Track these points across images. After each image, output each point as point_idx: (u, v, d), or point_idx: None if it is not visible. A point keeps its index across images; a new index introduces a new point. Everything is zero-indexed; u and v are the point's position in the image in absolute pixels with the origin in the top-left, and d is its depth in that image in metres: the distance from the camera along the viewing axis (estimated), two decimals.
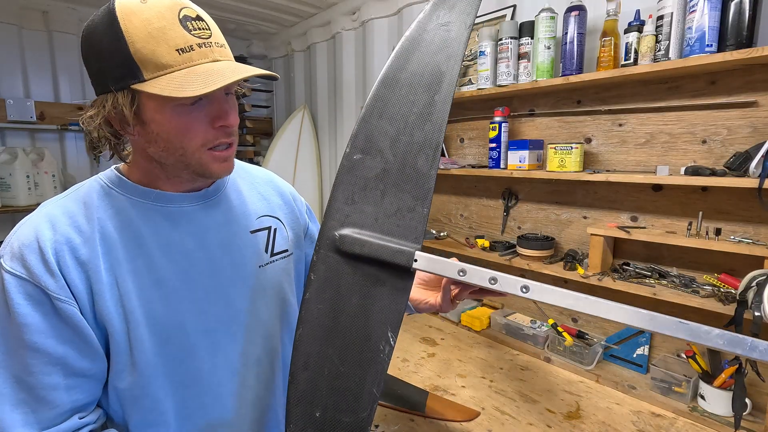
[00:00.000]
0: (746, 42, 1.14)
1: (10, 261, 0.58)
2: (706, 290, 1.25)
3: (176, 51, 0.57)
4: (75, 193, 0.66)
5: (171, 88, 0.55)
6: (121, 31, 0.55)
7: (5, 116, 2.48)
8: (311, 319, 0.59)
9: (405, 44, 0.62)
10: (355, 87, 2.71)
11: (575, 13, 1.43)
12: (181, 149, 0.61)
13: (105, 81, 0.59)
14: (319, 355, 0.58)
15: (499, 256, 1.72)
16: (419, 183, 0.59)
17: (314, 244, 0.89)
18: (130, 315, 0.62)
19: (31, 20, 2.61)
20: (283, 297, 0.81)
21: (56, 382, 0.59)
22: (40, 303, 0.58)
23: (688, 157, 1.35)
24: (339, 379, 0.58)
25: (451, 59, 0.61)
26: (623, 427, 1.20)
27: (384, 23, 2.44)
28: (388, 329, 0.58)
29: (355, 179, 0.61)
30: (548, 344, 1.63)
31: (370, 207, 0.60)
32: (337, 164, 2.89)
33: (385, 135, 0.61)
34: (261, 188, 0.84)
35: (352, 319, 0.59)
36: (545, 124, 1.71)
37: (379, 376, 0.57)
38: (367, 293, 0.59)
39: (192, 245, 0.68)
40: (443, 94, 0.60)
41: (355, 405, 0.57)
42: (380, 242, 0.58)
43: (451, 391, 1.39)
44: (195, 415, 0.69)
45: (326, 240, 0.60)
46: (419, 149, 0.60)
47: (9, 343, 0.58)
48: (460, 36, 0.61)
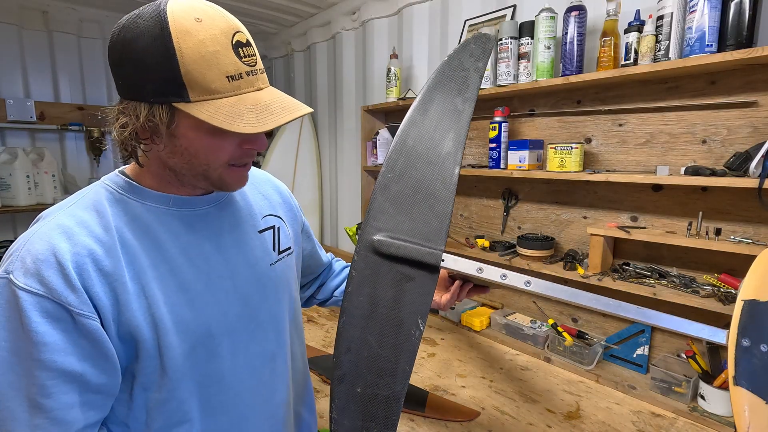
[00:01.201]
0: (746, 42, 1.14)
1: (23, 278, 0.54)
2: (706, 290, 1.25)
3: (226, 78, 0.57)
4: (81, 201, 0.63)
5: (221, 119, 0.56)
6: (173, 48, 0.54)
7: (5, 116, 2.48)
8: (352, 309, 0.68)
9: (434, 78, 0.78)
10: (355, 87, 2.71)
11: (575, 13, 1.43)
12: (205, 165, 0.63)
13: (141, 91, 0.57)
14: (359, 340, 0.68)
15: (499, 256, 1.72)
16: (442, 199, 0.73)
17: (310, 239, 0.96)
18: (160, 322, 0.62)
19: (31, 20, 2.61)
20: (290, 293, 0.84)
21: (73, 401, 0.58)
22: (60, 320, 0.55)
23: (688, 157, 1.35)
24: (377, 360, 0.67)
25: (467, 102, 0.76)
26: (623, 427, 1.20)
27: (384, 23, 2.44)
28: (418, 317, 0.69)
29: (389, 194, 0.73)
30: (548, 344, 1.63)
31: (402, 216, 0.72)
32: (337, 164, 2.90)
33: (415, 158, 0.74)
34: (262, 188, 0.86)
35: (387, 309, 0.69)
36: (545, 124, 1.71)
37: (411, 356, 0.67)
38: (400, 287, 0.70)
39: (209, 248, 0.69)
40: (461, 130, 0.75)
41: (391, 381, 0.67)
42: (412, 245, 0.70)
43: (451, 391, 1.39)
44: (217, 413, 0.70)
45: (365, 243, 0.71)
46: (441, 171, 0.73)
47: (24, 364, 0.55)
48: (475, 82, 0.77)
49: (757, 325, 0.68)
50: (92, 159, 2.90)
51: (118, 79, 0.59)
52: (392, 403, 0.67)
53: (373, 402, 0.66)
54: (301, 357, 0.89)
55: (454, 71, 0.78)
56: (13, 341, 0.55)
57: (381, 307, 0.68)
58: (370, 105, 2.34)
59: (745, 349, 0.68)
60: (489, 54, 0.80)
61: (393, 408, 0.67)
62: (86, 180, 2.87)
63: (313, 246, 1.00)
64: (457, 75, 0.78)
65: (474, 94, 0.77)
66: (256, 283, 0.75)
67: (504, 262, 1.69)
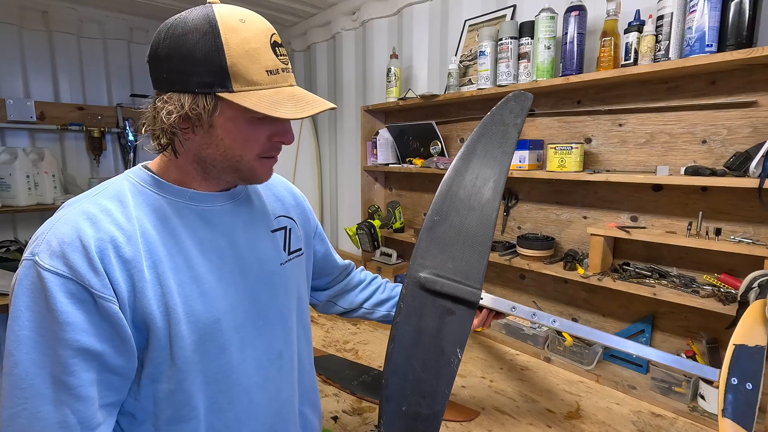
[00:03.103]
0: (746, 42, 1.14)
1: (49, 259, 0.57)
2: (706, 290, 1.25)
3: (266, 72, 0.63)
4: (105, 191, 0.66)
5: (264, 106, 0.61)
6: (221, 43, 0.60)
7: (5, 116, 2.48)
8: (400, 337, 0.76)
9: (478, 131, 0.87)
10: (355, 87, 2.71)
11: (575, 13, 1.43)
12: (239, 156, 0.67)
13: (187, 83, 0.61)
14: (405, 364, 0.76)
15: (499, 256, 1.72)
16: (481, 242, 0.82)
17: (324, 242, 1.02)
18: (172, 312, 0.64)
19: (31, 20, 2.61)
20: (299, 293, 0.87)
21: (93, 378, 0.60)
22: (83, 301, 0.58)
23: (688, 157, 1.35)
24: (420, 383, 0.75)
25: (506, 155, 0.85)
26: (623, 427, 1.20)
27: (384, 23, 2.44)
28: (457, 347, 0.77)
29: (434, 235, 0.81)
30: (548, 344, 1.63)
31: (445, 256, 0.80)
32: (337, 164, 2.91)
33: (458, 203, 0.82)
34: (276, 190, 0.89)
35: (430, 338, 0.77)
36: (545, 124, 1.71)
37: (449, 380, 0.76)
38: (443, 320, 0.78)
39: (224, 243, 0.72)
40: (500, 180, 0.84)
41: (432, 401, 0.75)
42: (455, 284, 0.78)
43: (451, 391, 1.39)
44: (224, 409, 0.71)
45: (412, 279, 0.79)
46: (481, 216, 0.82)
47: (48, 343, 0.57)
48: (513, 137, 0.86)
49: (743, 367, 0.81)
50: (92, 159, 2.90)
51: (161, 73, 0.63)
52: (432, 421, 0.75)
53: (415, 419, 0.75)
54: (307, 357, 0.91)
55: (496, 125, 0.87)
56: (38, 321, 0.56)
57: (425, 336, 0.77)
58: (370, 105, 2.34)
59: (733, 387, 0.81)
60: (527, 111, 0.88)
61: (433, 425, 0.75)
62: (86, 180, 2.87)
63: (326, 249, 1.03)
64: (498, 129, 0.86)
65: (512, 148, 0.86)
66: (266, 281, 0.77)
67: (504, 262, 1.69)
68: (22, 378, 0.56)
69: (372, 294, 1.09)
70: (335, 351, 1.68)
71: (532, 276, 1.80)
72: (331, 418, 1.26)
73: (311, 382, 0.93)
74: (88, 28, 2.83)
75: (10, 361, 0.56)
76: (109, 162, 3.01)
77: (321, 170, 3.11)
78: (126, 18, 2.92)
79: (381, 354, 1.65)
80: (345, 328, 1.91)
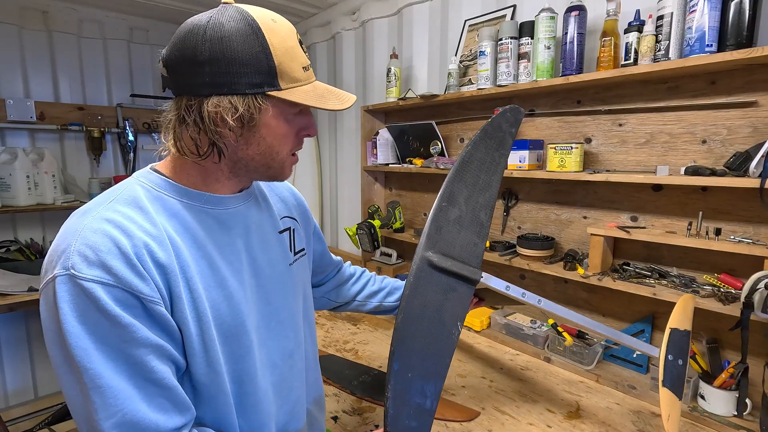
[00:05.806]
0: (746, 42, 1.14)
1: (89, 270, 0.54)
2: (706, 290, 1.25)
3: (302, 68, 0.66)
4: (119, 196, 0.63)
5: (313, 100, 0.65)
6: (267, 42, 0.61)
7: (5, 116, 2.48)
8: (408, 309, 0.82)
9: (480, 135, 0.97)
10: (355, 87, 2.71)
11: (575, 13, 1.43)
12: (276, 152, 0.69)
13: (236, 85, 0.61)
14: (413, 333, 0.82)
15: (499, 256, 1.72)
16: (481, 226, 0.93)
17: (321, 241, 1.04)
18: (203, 316, 0.64)
19: (31, 20, 2.61)
20: (305, 292, 0.89)
21: (169, 369, 0.60)
22: (132, 306, 0.56)
23: (688, 157, 1.35)
24: (426, 348, 0.82)
25: (502, 157, 0.98)
26: (623, 427, 1.20)
27: (384, 23, 2.44)
28: (458, 320, 0.85)
29: (442, 219, 0.89)
30: (548, 344, 1.63)
31: (451, 237, 0.89)
32: (337, 165, 2.90)
33: (462, 193, 0.92)
34: (277, 190, 0.90)
35: (434, 312, 0.84)
36: (545, 124, 1.71)
37: (451, 349, 0.84)
38: (446, 295, 0.85)
39: (240, 246, 0.73)
40: (497, 176, 0.97)
41: (436, 365, 0.82)
42: (460, 263, 0.88)
43: (451, 391, 1.39)
44: (248, 412, 0.72)
45: (423, 258, 0.86)
46: (481, 206, 0.93)
47: (118, 348, 0.55)
48: (508, 142, 0.99)
49: (676, 346, 1.01)
50: (92, 159, 2.90)
51: (202, 78, 0.61)
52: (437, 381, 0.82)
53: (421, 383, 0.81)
54: (313, 356, 0.92)
55: (495, 131, 0.98)
56: (98, 331, 0.55)
57: (429, 310, 0.83)
58: (370, 105, 2.34)
59: (670, 362, 1.00)
60: (520, 123, 1.02)
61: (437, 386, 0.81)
62: (86, 180, 2.86)
63: (323, 247, 1.04)
64: (496, 134, 0.98)
65: (507, 151, 0.99)
66: (277, 282, 0.78)
67: (504, 262, 1.69)
68: (108, 387, 0.54)
69: (363, 287, 1.12)
70: (335, 351, 1.68)
71: (532, 276, 1.80)
72: (331, 418, 1.26)
73: (317, 381, 0.94)
74: (88, 28, 2.82)
75: (89, 376, 0.54)
76: (109, 162, 3.01)
77: (321, 170, 3.11)
78: (126, 18, 2.92)
79: (381, 354, 1.65)
80: (345, 328, 1.91)
